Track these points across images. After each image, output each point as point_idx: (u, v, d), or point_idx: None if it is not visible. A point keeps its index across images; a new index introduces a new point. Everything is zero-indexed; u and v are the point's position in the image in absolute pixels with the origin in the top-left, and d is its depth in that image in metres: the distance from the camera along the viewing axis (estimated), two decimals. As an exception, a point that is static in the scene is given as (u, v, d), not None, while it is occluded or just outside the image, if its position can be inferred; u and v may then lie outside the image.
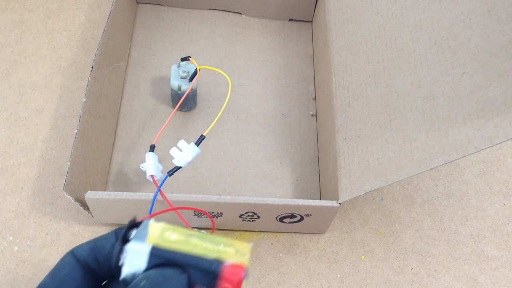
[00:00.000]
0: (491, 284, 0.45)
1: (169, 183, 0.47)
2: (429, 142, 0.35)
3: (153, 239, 0.23)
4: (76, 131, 0.42)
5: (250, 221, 0.44)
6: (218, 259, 0.23)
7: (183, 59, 0.48)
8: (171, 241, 0.23)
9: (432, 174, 0.51)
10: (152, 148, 0.43)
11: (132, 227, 0.24)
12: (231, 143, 0.51)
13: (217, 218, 0.43)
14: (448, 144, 0.34)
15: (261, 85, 0.55)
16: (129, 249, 0.23)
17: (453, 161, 0.33)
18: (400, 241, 0.47)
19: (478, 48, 0.34)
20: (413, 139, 0.37)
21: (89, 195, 0.39)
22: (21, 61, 0.54)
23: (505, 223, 0.49)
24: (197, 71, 0.47)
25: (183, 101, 0.50)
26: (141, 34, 0.56)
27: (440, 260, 0.46)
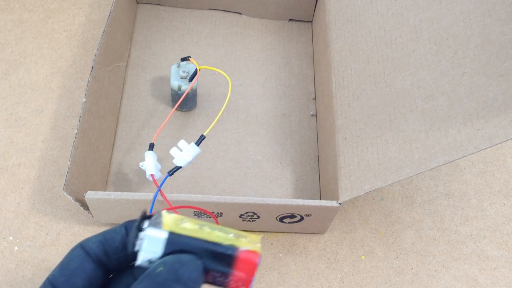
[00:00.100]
0: (491, 284, 0.45)
1: (169, 183, 0.47)
2: (429, 142, 0.35)
3: (169, 226, 0.23)
4: (76, 131, 0.42)
5: (250, 221, 0.44)
6: (233, 245, 0.23)
7: (183, 59, 0.48)
8: (186, 229, 0.23)
9: (432, 174, 0.51)
10: (151, 146, 0.43)
11: (144, 219, 0.24)
12: (231, 143, 0.51)
13: (217, 218, 0.43)
14: (448, 144, 0.34)
15: (261, 85, 0.55)
16: (147, 235, 0.23)
17: (453, 161, 0.33)
18: (400, 241, 0.47)
19: (478, 48, 0.34)
20: (413, 139, 0.37)
21: (89, 195, 0.39)
22: (21, 61, 0.54)
23: (505, 223, 0.49)
24: (197, 71, 0.47)
25: (183, 101, 0.50)
26: (141, 34, 0.56)
27: (440, 260, 0.46)
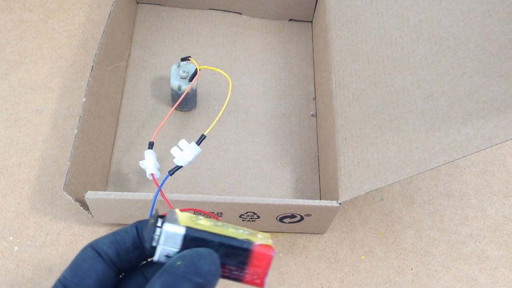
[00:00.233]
0: (491, 284, 0.45)
1: (169, 183, 0.47)
2: (429, 142, 0.35)
3: (185, 222, 0.24)
4: (76, 131, 0.42)
5: (250, 221, 0.44)
6: (248, 240, 0.24)
7: (183, 59, 0.48)
8: (202, 225, 0.24)
9: (432, 174, 0.51)
10: (151, 145, 0.43)
11: (158, 217, 0.25)
12: (231, 143, 0.51)
13: (217, 218, 0.43)
14: (448, 144, 0.34)
15: (261, 85, 0.55)
16: (164, 230, 0.23)
17: (453, 161, 0.33)
18: (400, 241, 0.47)
19: (478, 48, 0.34)
20: (413, 139, 0.37)
21: (89, 195, 0.39)
22: (21, 61, 0.54)
23: (505, 223, 0.49)
24: (197, 71, 0.46)
25: (183, 101, 0.50)
26: (141, 34, 0.56)
27: (440, 260, 0.46)
